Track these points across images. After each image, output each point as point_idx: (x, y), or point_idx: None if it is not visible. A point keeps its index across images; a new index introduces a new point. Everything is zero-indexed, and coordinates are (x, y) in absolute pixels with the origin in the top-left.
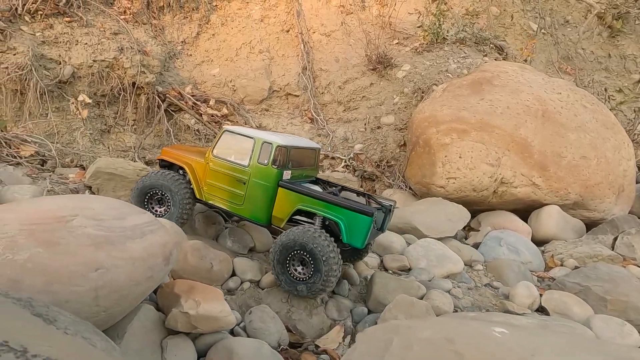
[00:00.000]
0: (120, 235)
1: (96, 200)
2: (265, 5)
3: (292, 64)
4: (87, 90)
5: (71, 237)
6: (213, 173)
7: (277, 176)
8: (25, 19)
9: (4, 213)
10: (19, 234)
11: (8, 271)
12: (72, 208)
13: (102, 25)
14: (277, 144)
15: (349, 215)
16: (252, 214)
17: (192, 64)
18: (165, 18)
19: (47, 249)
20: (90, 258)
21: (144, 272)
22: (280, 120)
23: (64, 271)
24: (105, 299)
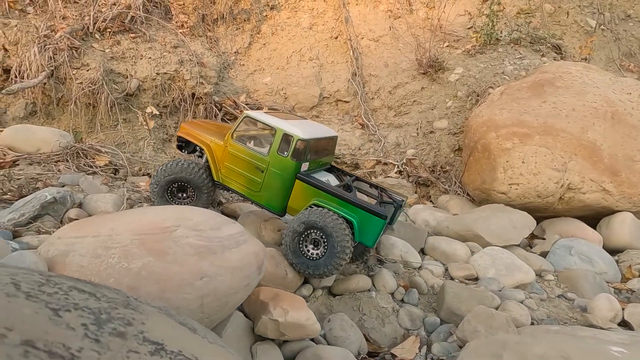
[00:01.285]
0: (219, 245)
1: (194, 212)
2: (314, 13)
3: (342, 70)
4: (150, 101)
5: (177, 246)
6: (231, 157)
7: (296, 168)
8: (96, 37)
9: (114, 223)
10: (131, 243)
11: (126, 279)
12: (174, 219)
13: (163, 39)
14: (298, 137)
15: (363, 215)
16: (268, 202)
17: (245, 74)
18: (219, 30)
19: (157, 258)
20: (195, 267)
21: (242, 281)
22: (331, 126)
23: (174, 279)
24: (209, 306)
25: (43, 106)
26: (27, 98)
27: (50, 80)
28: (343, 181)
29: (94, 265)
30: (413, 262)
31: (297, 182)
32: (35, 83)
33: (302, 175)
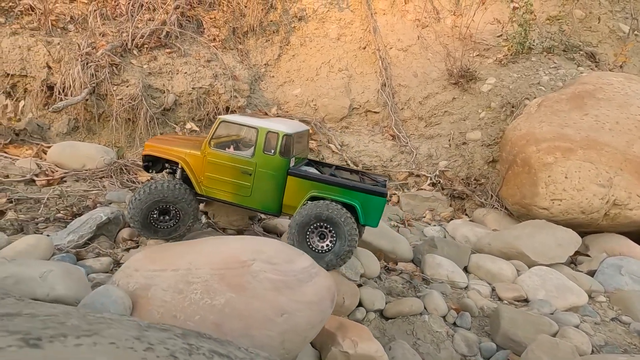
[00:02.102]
0: (294, 279)
1: (265, 243)
2: (341, 23)
3: (371, 81)
4: (186, 116)
5: (255, 281)
6: (213, 166)
7: (286, 165)
8: (134, 53)
9: (191, 256)
10: (211, 278)
11: (210, 315)
12: (250, 252)
13: (197, 54)
14: (284, 132)
15: (364, 197)
16: (262, 205)
17: (275, 85)
18: (249, 42)
19: (238, 294)
20: (275, 303)
21: (318, 315)
22: (361, 137)
23: (256, 316)
24: (290, 342)
25: (84, 122)
26: (70, 114)
27: (92, 96)
28: (324, 173)
29: (177, 301)
30: (459, 282)
31: (289, 179)
32: (79, 100)
33: (294, 171)
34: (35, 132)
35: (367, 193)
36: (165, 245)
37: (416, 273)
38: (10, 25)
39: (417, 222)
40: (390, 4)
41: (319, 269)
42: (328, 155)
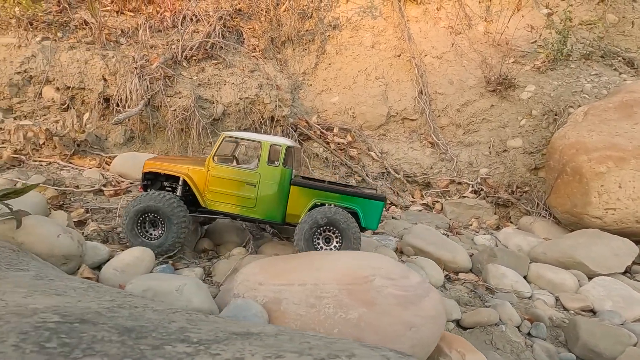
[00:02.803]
0: (414, 294)
1: (379, 259)
2: (375, 31)
3: (407, 89)
4: (234, 125)
5: (381, 297)
6: (217, 180)
7: (289, 175)
8: (183, 65)
9: (312, 271)
10: (340, 293)
11: (348, 329)
12: (370, 268)
13: (240, 64)
14: (287, 145)
15: (364, 202)
16: (267, 215)
17: (313, 94)
18: (287, 52)
19: (369, 309)
20: (402, 317)
21: (439, 330)
22: (400, 144)
23: (388, 330)
24: (417, 356)
25: (139, 132)
26: (126, 125)
27: (147, 107)
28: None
29: (312, 315)
30: (524, 292)
31: (292, 189)
32: (137, 112)
33: (296, 180)
34: (95, 143)
35: (367, 198)
36: (272, 259)
37: (480, 283)
38: (68, 40)
39: (465, 230)
40: (422, 12)
41: (430, 285)
42: (369, 163)
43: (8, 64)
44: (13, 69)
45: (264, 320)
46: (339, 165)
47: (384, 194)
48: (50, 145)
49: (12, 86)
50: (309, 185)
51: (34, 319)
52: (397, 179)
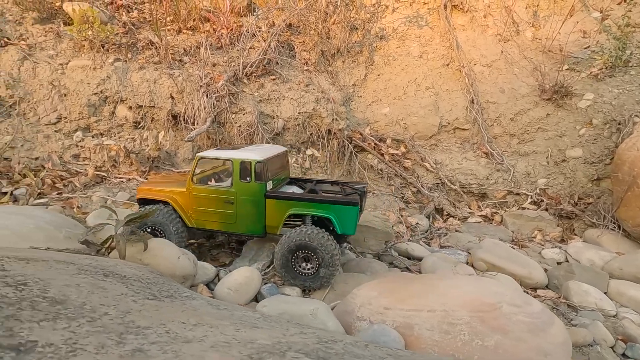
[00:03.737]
0: (540, 321)
1: (496, 285)
2: (422, 40)
3: (458, 98)
4: (293, 139)
5: (511, 323)
6: (198, 199)
7: (262, 189)
8: (244, 82)
9: (442, 299)
10: (472, 320)
11: (487, 356)
12: (493, 294)
13: (296, 78)
14: (256, 160)
15: (338, 209)
16: (247, 229)
17: (364, 105)
18: (337, 64)
19: (504, 336)
20: (535, 344)
21: (567, 357)
22: (453, 155)
23: (525, 358)
24: None
25: (205, 148)
26: (195, 142)
27: (214, 124)
28: (306, 188)
29: (448, 341)
30: (609, 310)
31: (268, 201)
32: (206, 128)
33: (270, 193)
34: (166, 159)
35: (340, 204)
36: (384, 282)
37: (561, 300)
38: (137, 60)
39: (531, 244)
40: (469, 20)
41: (550, 311)
42: (423, 174)
43: (85, 85)
44: (90, 90)
45: (401, 345)
46: (393, 176)
47: (356, 198)
48: (127, 162)
49: (90, 106)
50: (283, 197)
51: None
52: (453, 189)
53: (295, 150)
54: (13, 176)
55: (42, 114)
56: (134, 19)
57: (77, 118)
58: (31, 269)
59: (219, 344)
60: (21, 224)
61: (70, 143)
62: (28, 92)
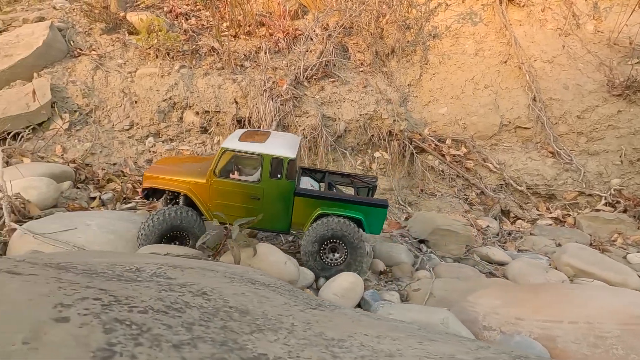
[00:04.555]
0: None
1: (636, 295)
2: (476, 38)
3: (519, 96)
4: (354, 141)
5: None
6: (220, 193)
7: (293, 187)
8: (305, 85)
9: (582, 310)
10: (623, 334)
11: None
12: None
13: (354, 80)
14: (289, 158)
15: (367, 210)
16: (273, 225)
17: (420, 105)
18: (391, 64)
19: None
20: None
21: None
22: (515, 155)
23: None
24: None
25: None
26: None
27: (278, 128)
28: (317, 180)
29: (600, 356)
30: None
31: (297, 199)
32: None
33: (299, 191)
34: None
35: (370, 206)
36: (505, 287)
37: None
38: (202, 67)
39: (612, 247)
40: (526, 14)
41: None
42: (486, 175)
43: (155, 92)
44: (160, 96)
45: (549, 358)
46: (455, 177)
47: (386, 200)
48: None
49: (159, 112)
50: (313, 196)
51: None
52: (519, 191)
53: (356, 153)
54: (99, 181)
55: (116, 120)
56: (192, 26)
57: (147, 124)
58: (190, 277)
59: (422, 359)
60: (127, 230)
61: (143, 148)
62: (102, 100)
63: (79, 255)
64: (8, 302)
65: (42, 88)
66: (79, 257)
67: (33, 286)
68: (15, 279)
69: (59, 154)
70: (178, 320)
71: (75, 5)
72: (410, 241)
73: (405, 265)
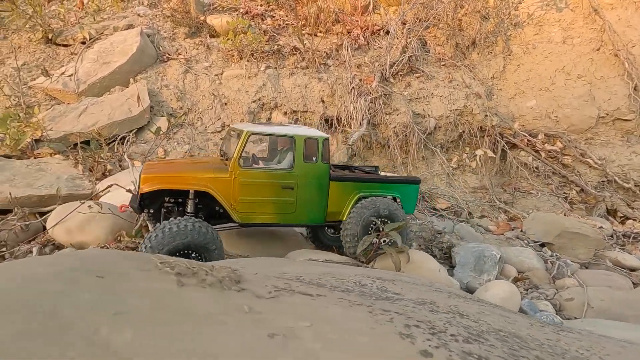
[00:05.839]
0: None
1: None
2: (562, 25)
3: (617, 85)
4: (443, 138)
5: None
6: (246, 187)
7: (328, 171)
8: (391, 81)
9: None
10: None
11: None
12: None
13: (438, 75)
14: (323, 137)
15: (403, 188)
16: (309, 218)
17: (506, 99)
18: (472, 56)
19: None
20: None
21: None
22: (617, 149)
23: None
24: None
25: (358, 150)
26: (351, 144)
27: (368, 126)
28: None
29: None
30: None
31: (332, 185)
32: (364, 130)
33: (336, 175)
34: None
35: (405, 183)
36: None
37: None
38: (286, 67)
39: None
40: None
41: None
42: (585, 171)
43: (244, 93)
44: (249, 97)
45: None
46: (550, 174)
47: (419, 178)
48: None
49: (249, 113)
50: (350, 179)
51: None
52: (624, 188)
53: (444, 150)
54: None
55: (208, 122)
56: (269, 26)
57: None
58: (410, 293)
59: None
60: None
61: None
62: (194, 103)
63: (250, 264)
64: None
65: (142, 93)
66: (252, 266)
67: (354, 312)
68: (326, 302)
69: (162, 157)
70: (500, 350)
71: (158, 11)
72: (530, 244)
73: (538, 271)
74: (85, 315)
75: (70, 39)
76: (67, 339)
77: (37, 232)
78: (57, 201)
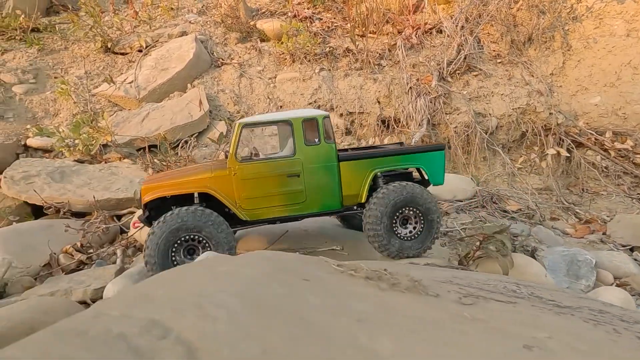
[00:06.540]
0: None
1: None
2: (625, 17)
3: None
4: (504, 137)
5: None
6: (247, 182)
7: (335, 150)
8: (449, 80)
9: None
10: None
11: None
12: None
13: (496, 72)
14: (322, 115)
15: (426, 157)
16: (323, 206)
17: (567, 96)
18: (529, 53)
19: None
20: None
21: None
22: None
23: None
24: None
25: None
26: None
27: (427, 126)
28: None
29: None
30: None
31: (342, 165)
32: (424, 131)
33: (345, 155)
34: None
35: (427, 152)
36: None
37: None
38: (340, 68)
39: None
40: None
41: None
42: None
43: (299, 96)
44: (305, 100)
45: None
46: (622, 174)
47: (443, 144)
48: None
49: None
50: (362, 156)
51: None
52: None
53: (506, 150)
54: None
55: None
56: (318, 28)
57: None
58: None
59: None
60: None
61: None
62: (250, 107)
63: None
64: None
65: (201, 97)
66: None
67: (568, 320)
68: (532, 310)
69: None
70: None
71: (208, 18)
72: (617, 248)
73: (636, 276)
74: (331, 320)
75: (127, 47)
76: (333, 344)
77: (116, 234)
78: (133, 204)
